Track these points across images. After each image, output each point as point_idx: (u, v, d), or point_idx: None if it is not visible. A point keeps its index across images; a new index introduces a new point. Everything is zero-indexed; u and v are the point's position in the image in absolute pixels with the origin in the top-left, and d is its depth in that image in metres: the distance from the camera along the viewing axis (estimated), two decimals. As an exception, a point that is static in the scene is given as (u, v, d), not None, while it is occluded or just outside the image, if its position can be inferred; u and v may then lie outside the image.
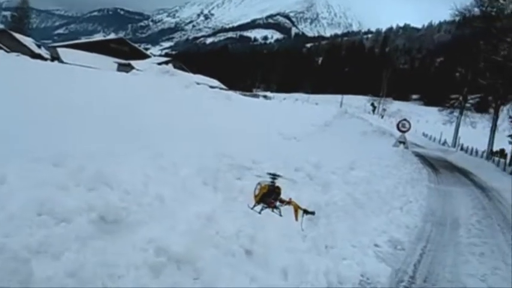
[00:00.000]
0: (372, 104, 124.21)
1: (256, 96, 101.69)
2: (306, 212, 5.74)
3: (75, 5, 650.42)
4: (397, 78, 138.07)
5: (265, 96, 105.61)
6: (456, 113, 56.88)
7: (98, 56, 67.79)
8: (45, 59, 63.70)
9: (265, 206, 5.46)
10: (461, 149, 47.44)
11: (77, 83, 20.97)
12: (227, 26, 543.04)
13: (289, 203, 5.60)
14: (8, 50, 56.76)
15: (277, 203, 5.55)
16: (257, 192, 5.36)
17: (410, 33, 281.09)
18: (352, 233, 9.02)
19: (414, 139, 46.87)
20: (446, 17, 57.94)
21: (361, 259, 7.70)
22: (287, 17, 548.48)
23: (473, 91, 52.65)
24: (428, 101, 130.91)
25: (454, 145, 54.02)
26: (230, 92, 48.98)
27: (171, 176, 6.98)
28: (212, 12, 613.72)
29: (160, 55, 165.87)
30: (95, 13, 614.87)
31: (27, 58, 35.79)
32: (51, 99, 12.62)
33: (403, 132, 27.99)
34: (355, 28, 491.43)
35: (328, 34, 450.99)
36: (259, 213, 5.40)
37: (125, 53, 73.81)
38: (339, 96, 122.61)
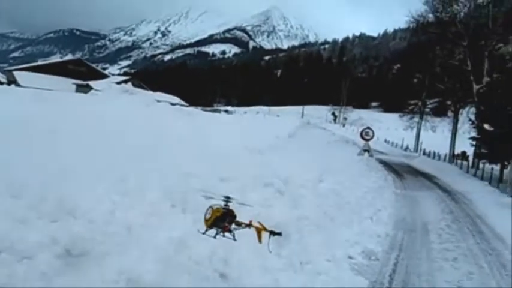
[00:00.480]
0: (333, 114, 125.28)
1: (218, 111, 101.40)
2: (272, 233, 5.46)
3: (30, 27, 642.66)
4: (356, 86, 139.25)
5: (226, 111, 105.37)
6: (416, 118, 57.64)
7: (55, 78, 66.52)
8: (2, 83, 62.46)
9: (219, 230, 5.14)
10: (424, 153, 47.98)
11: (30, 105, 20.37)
12: (185, 43, 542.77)
13: (249, 225, 5.29)
14: (-37, 76, 55.55)
15: (233, 227, 5.24)
16: (208, 216, 5.08)
17: (367, 42, 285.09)
18: (326, 247, 8.90)
19: (377, 146, 47.19)
20: (401, 25, 59.14)
21: (337, 273, 7.59)
22: (244, 30, 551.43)
23: (431, 96, 53.43)
24: (387, 107, 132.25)
25: (416, 150, 54.65)
26: (191, 108, 48.69)
27: (137, 201, 6.68)
28: (169, 29, 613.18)
29: (119, 74, 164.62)
30: (51, 35, 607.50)
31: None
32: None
33: (367, 140, 28.13)
34: (312, 39, 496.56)
35: (285, 46, 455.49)
36: (214, 237, 5.14)
37: (83, 73, 72.66)
38: (299, 108, 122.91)
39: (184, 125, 25.96)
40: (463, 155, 39.56)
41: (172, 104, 43.91)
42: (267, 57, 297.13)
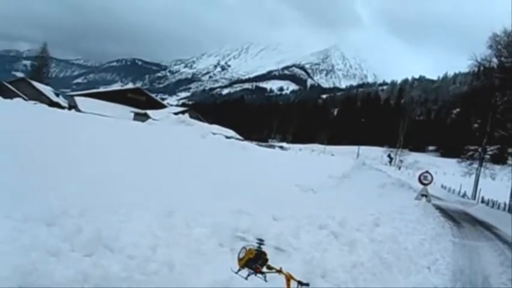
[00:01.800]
0: (389, 156, 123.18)
1: (272, 146, 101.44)
2: (300, 283, 5.03)
3: (94, 56, 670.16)
4: (413, 129, 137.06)
5: (281, 147, 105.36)
6: (475, 165, 55.75)
7: (115, 105, 68.15)
8: (63, 108, 64.32)
9: (251, 271, 4.77)
10: (482, 201, 46.17)
11: (87, 130, 20.47)
12: (243, 77, 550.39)
13: (279, 271, 4.92)
14: (26, 98, 57.34)
15: (264, 269, 4.86)
16: (242, 255, 4.73)
17: (426, 85, 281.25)
18: (382, 299, 8.22)
19: (433, 191, 45.78)
20: (461, 69, 58.06)
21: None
22: (303, 68, 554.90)
23: (491, 142, 51.72)
24: (444, 152, 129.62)
25: (474, 197, 52.70)
26: (245, 142, 48.58)
27: (182, 237, 6.19)
28: (229, 63, 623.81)
29: (177, 105, 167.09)
30: (114, 63, 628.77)
31: (45, 106, 35.74)
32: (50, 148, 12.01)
33: (425, 185, 27.09)
34: (370, 80, 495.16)
35: (343, 85, 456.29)
36: (246, 279, 4.78)
37: (142, 102, 74.15)
38: (355, 148, 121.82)
39: (236, 159, 25.71)
40: (524, 205, 37.89)
41: (227, 137, 43.86)
42: (324, 96, 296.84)
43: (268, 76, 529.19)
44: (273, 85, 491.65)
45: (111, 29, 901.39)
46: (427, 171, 28.79)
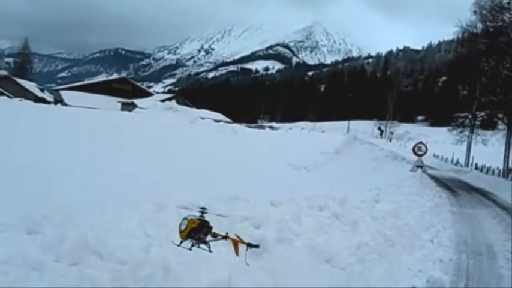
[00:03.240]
0: (379, 128, 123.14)
1: (262, 127, 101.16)
2: (249, 245, 5.20)
3: (76, 48, 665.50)
4: (402, 100, 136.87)
5: (271, 127, 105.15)
6: (466, 132, 55.56)
7: (101, 97, 67.71)
8: (49, 103, 63.92)
9: (195, 242, 4.82)
10: (476, 168, 46.05)
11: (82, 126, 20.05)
12: (228, 60, 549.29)
13: (225, 237, 5.12)
14: (11, 95, 56.82)
15: (209, 238, 4.95)
16: (183, 227, 4.59)
17: (411, 55, 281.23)
18: (390, 278, 7.89)
19: (426, 161, 45.68)
20: (446, 37, 57.80)
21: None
22: (287, 46, 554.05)
23: (480, 108, 51.50)
24: (434, 121, 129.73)
25: (467, 164, 52.59)
26: (235, 125, 48.23)
27: (177, 233, 5.78)
28: (212, 46, 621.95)
29: (163, 92, 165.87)
30: (97, 54, 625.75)
31: (30, 103, 35.27)
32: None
33: (420, 155, 26.89)
34: (355, 54, 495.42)
35: (328, 61, 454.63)
36: (190, 249, 4.63)
37: (128, 92, 73.65)
38: (344, 123, 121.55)
39: (228, 141, 25.35)
40: (519, 169, 37.74)
41: (216, 121, 43.49)
42: (310, 73, 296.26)
43: (253, 57, 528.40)
44: (258, 65, 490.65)
45: (92, 20, 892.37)
46: (421, 142, 28.61)
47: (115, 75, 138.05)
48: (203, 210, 5.02)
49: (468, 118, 54.95)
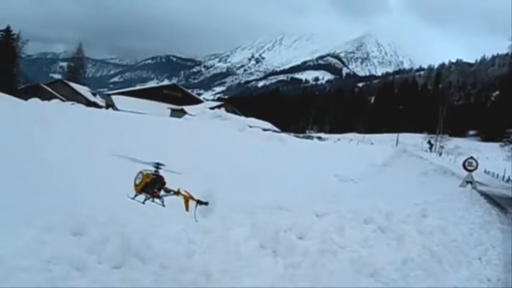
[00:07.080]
0: (429, 142, 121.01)
1: (310, 137, 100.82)
2: (199, 202, 5.46)
3: (129, 54, 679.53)
4: (453, 114, 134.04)
5: (319, 138, 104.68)
6: (521, 148, 54.15)
7: (151, 103, 68.65)
8: (100, 107, 65.23)
9: (148, 196, 5.11)
10: (528, 185, 44.70)
11: (127, 128, 20.37)
12: (278, 69, 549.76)
13: (177, 193, 5.34)
14: (63, 99, 58.34)
15: (162, 193, 5.23)
16: (138, 181, 4.96)
17: (463, 68, 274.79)
18: (435, 296, 7.70)
19: (476, 177, 44.60)
20: (499, 51, 56.73)
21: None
22: (337, 57, 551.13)
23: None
24: (486, 136, 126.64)
25: (519, 182, 51.17)
26: (283, 134, 48.22)
27: (219, 239, 5.76)
28: (263, 56, 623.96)
29: (212, 99, 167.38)
30: (149, 61, 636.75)
31: (82, 106, 36.14)
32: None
33: (470, 171, 26.20)
34: (406, 66, 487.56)
35: (379, 73, 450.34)
36: (143, 203, 4.70)
37: (178, 98, 74.46)
38: (393, 135, 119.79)
39: (275, 150, 25.32)
40: None
41: (264, 130, 43.56)
42: (360, 84, 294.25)
43: (303, 67, 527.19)
44: (308, 75, 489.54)
45: (144, 27, 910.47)
46: (471, 157, 27.88)
47: (166, 82, 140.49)
48: (158, 166, 5.23)
49: (521, 134, 53.63)
